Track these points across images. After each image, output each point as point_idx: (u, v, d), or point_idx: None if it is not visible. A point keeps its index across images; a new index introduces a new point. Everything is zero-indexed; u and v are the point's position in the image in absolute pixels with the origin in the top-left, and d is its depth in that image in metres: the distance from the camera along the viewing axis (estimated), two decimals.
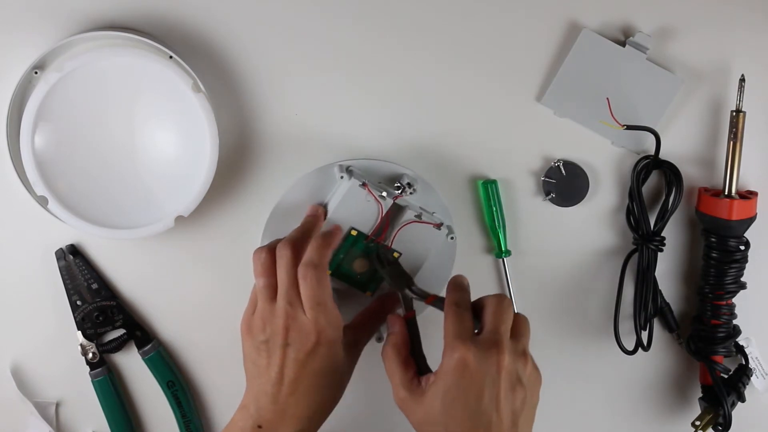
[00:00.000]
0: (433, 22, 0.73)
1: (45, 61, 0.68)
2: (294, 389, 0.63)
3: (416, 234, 0.71)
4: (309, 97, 0.73)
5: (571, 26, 0.73)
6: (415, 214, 0.70)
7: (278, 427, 0.63)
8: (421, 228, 0.71)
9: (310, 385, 0.63)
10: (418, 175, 0.72)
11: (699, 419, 0.76)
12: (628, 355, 0.76)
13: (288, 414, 0.63)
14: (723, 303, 0.76)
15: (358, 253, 0.71)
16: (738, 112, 0.73)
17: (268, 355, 0.63)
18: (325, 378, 0.64)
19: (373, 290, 0.73)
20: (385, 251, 0.68)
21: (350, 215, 0.70)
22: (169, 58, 0.68)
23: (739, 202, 0.73)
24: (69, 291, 0.74)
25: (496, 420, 0.59)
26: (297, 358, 0.63)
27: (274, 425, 0.63)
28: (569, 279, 0.78)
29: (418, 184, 0.71)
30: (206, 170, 0.69)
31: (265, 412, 0.64)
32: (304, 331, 0.62)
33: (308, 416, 0.64)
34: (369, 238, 0.70)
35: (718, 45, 0.74)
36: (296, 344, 0.62)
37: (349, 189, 0.70)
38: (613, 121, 0.73)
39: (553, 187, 0.75)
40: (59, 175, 0.68)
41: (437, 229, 0.71)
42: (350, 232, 0.70)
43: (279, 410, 0.63)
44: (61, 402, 0.76)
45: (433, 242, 0.71)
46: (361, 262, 0.72)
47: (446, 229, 0.71)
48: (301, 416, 0.64)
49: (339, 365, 0.65)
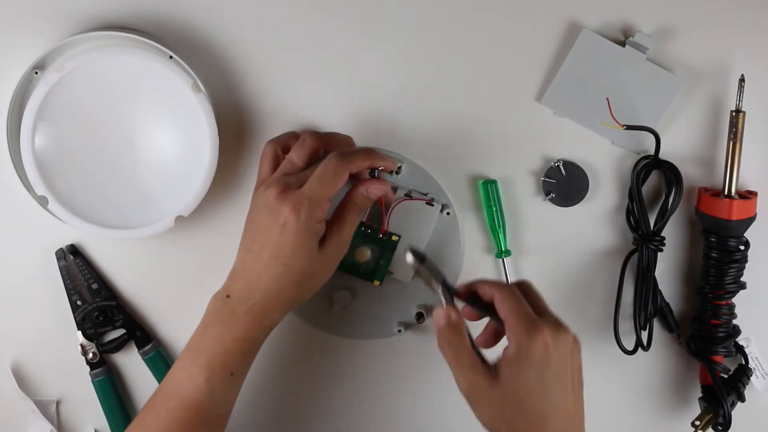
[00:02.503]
0: (433, 22, 0.73)
1: (45, 61, 0.68)
2: (259, 257, 0.64)
3: (410, 214, 0.72)
4: (309, 97, 0.73)
5: (571, 26, 0.73)
6: (405, 193, 0.71)
7: (242, 298, 0.64)
8: (414, 207, 0.72)
9: (273, 258, 0.63)
10: (404, 157, 0.72)
11: (699, 419, 0.76)
12: (628, 355, 0.76)
13: (252, 285, 0.64)
14: (723, 303, 0.76)
15: (358, 242, 0.72)
16: (738, 112, 0.73)
17: (256, 221, 0.65)
18: (289, 258, 0.63)
19: (381, 279, 0.73)
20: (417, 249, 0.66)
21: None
22: (169, 58, 0.68)
23: (739, 202, 0.73)
24: (69, 291, 0.74)
25: (574, 396, 0.61)
26: (268, 231, 0.63)
27: (240, 294, 0.64)
28: (569, 279, 0.78)
29: (404, 164, 0.72)
30: (206, 170, 0.69)
31: (235, 282, 0.65)
32: (285, 204, 0.63)
33: (269, 290, 0.64)
34: (366, 224, 0.71)
35: (718, 45, 0.74)
36: (274, 215, 0.63)
37: None
38: (613, 121, 0.73)
39: (553, 187, 0.75)
40: (59, 175, 0.68)
41: (430, 206, 0.71)
42: None
43: (246, 278, 0.64)
44: (61, 400, 0.76)
45: (429, 219, 0.72)
46: (362, 251, 0.72)
47: (439, 205, 0.72)
48: (263, 289, 0.64)
49: (308, 252, 0.64)
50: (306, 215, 0.63)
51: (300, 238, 0.63)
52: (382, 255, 0.73)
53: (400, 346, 0.77)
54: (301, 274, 0.64)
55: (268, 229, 0.64)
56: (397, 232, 0.72)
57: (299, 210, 0.62)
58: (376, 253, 0.73)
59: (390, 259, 0.73)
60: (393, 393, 0.79)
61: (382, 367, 0.78)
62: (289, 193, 0.63)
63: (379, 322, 0.76)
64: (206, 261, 0.75)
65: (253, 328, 0.65)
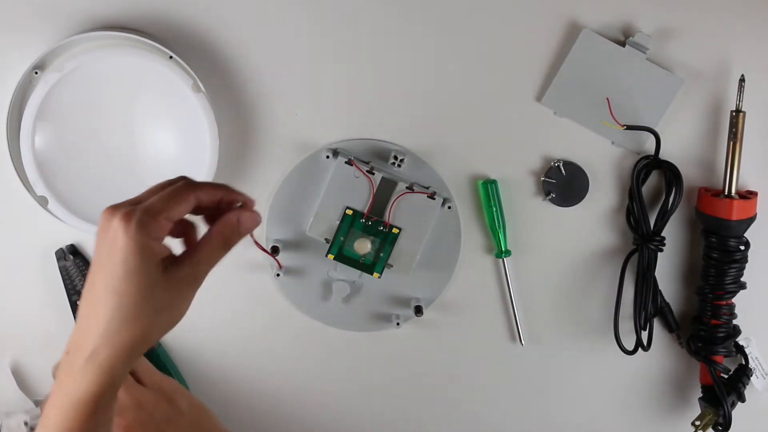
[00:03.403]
0: (434, 22, 0.73)
1: (45, 61, 0.68)
2: (92, 295, 0.54)
3: (412, 207, 0.72)
4: (309, 96, 0.73)
5: (571, 26, 0.73)
6: (406, 186, 0.72)
7: (79, 349, 0.54)
8: (416, 200, 0.72)
9: (106, 289, 0.53)
10: (407, 150, 0.73)
11: (699, 419, 0.76)
12: (628, 355, 0.76)
13: (87, 331, 0.54)
14: (723, 303, 0.76)
15: (358, 234, 0.72)
16: (738, 112, 0.73)
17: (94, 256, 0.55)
18: (120, 285, 0.53)
19: (380, 271, 0.73)
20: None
21: (343, 195, 0.72)
22: (169, 58, 0.68)
23: (739, 202, 0.73)
24: (69, 291, 0.74)
25: None
26: (98, 259, 0.54)
27: (77, 346, 0.54)
28: (569, 279, 0.78)
29: (407, 157, 0.72)
30: (206, 170, 0.69)
31: (73, 333, 0.55)
32: (114, 222, 0.53)
33: (105, 331, 0.53)
34: (366, 215, 0.71)
35: (718, 45, 0.74)
36: (104, 239, 0.54)
37: (336, 168, 0.71)
38: (613, 121, 0.73)
39: (553, 187, 0.75)
40: (59, 175, 0.68)
41: (431, 199, 0.72)
42: (345, 212, 0.71)
43: (81, 327, 0.54)
44: None
45: (430, 213, 0.72)
46: (362, 243, 0.72)
47: (441, 199, 0.72)
48: (98, 332, 0.53)
49: (146, 282, 0.53)
50: (137, 227, 0.53)
51: (132, 257, 0.53)
52: (382, 247, 0.73)
53: (398, 339, 0.78)
54: (139, 305, 0.53)
55: (98, 256, 0.54)
56: (397, 224, 0.72)
57: (129, 221, 0.53)
58: (377, 245, 0.73)
59: (390, 251, 0.73)
60: (391, 385, 0.79)
61: (380, 360, 0.78)
62: (120, 206, 0.54)
63: (377, 314, 0.76)
64: None
65: (94, 385, 0.53)
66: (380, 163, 0.73)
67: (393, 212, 0.72)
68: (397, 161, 0.72)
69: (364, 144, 0.73)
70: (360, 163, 0.72)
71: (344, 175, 0.72)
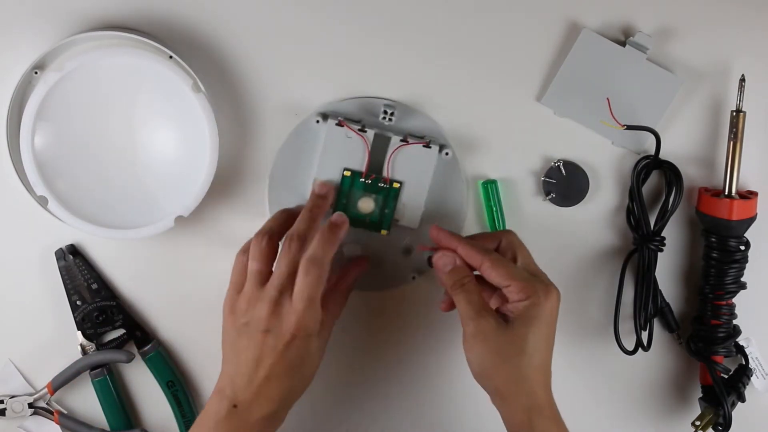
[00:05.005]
0: (433, 21, 0.73)
1: (45, 61, 0.68)
2: (269, 373, 0.64)
3: (410, 159, 0.72)
4: (309, 96, 0.73)
5: (571, 26, 0.73)
6: (400, 139, 0.71)
7: (252, 407, 0.65)
8: (413, 152, 0.71)
9: (285, 370, 0.65)
10: (397, 102, 0.72)
11: (699, 419, 0.76)
12: (628, 355, 0.76)
13: (262, 395, 0.65)
14: (723, 303, 0.76)
15: (360, 194, 0.72)
16: (738, 112, 0.73)
17: (248, 338, 0.65)
18: (300, 366, 0.65)
19: (388, 228, 0.73)
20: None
21: (339, 157, 0.71)
22: (169, 58, 0.68)
23: (739, 202, 0.73)
24: (69, 291, 0.74)
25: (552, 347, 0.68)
26: (275, 346, 0.64)
27: (248, 405, 0.65)
28: (569, 279, 0.78)
29: (397, 110, 0.71)
30: (206, 170, 0.69)
31: (240, 393, 0.65)
32: (287, 321, 0.64)
33: (281, 398, 0.65)
34: (365, 174, 0.71)
35: (718, 45, 0.74)
36: (276, 332, 0.64)
37: (327, 132, 0.71)
38: (613, 121, 0.73)
39: (553, 187, 0.75)
40: (59, 175, 0.68)
41: (427, 148, 0.71)
42: (344, 173, 0.71)
43: (254, 391, 0.65)
44: (61, 400, 0.76)
45: (428, 162, 0.72)
46: (365, 202, 0.72)
47: (437, 147, 0.72)
48: (274, 398, 0.65)
49: (313, 354, 0.66)
50: (306, 334, 0.65)
51: (306, 347, 0.65)
52: (386, 204, 0.72)
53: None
54: (311, 376, 0.67)
55: (270, 349, 0.64)
56: (398, 179, 0.72)
57: (301, 330, 0.64)
58: (380, 202, 0.72)
59: (394, 206, 0.72)
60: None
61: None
62: (282, 311, 0.64)
63: (392, 271, 0.75)
64: (206, 261, 0.75)
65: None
66: (371, 120, 0.72)
67: (391, 167, 0.72)
68: (388, 115, 0.71)
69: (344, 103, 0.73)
70: (351, 123, 0.71)
71: (337, 137, 0.71)
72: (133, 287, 0.75)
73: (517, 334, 0.65)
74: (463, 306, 0.66)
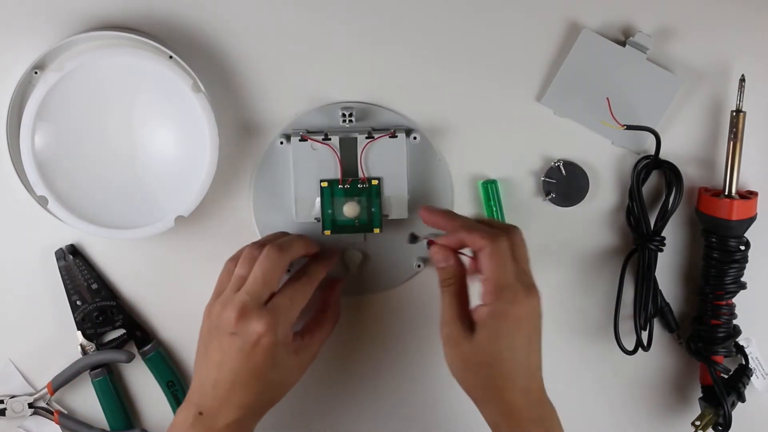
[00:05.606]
0: (434, 21, 0.73)
1: (45, 61, 0.68)
2: (235, 378, 0.64)
3: (380, 154, 0.72)
4: (309, 97, 0.73)
5: (571, 26, 0.73)
6: (365, 137, 0.71)
7: (218, 414, 0.65)
8: (381, 145, 0.72)
9: (251, 375, 0.65)
10: (355, 102, 0.73)
11: (699, 419, 0.76)
12: (628, 355, 0.76)
13: (228, 401, 0.65)
14: (723, 303, 0.76)
15: (342, 200, 0.72)
16: (738, 112, 0.73)
17: (217, 341, 0.65)
18: (266, 372, 0.65)
19: (379, 225, 0.73)
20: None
21: (312, 172, 0.72)
22: (169, 58, 0.68)
23: (739, 202, 0.73)
24: (69, 291, 0.74)
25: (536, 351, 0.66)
26: (241, 348, 0.64)
27: (214, 412, 0.65)
28: (569, 279, 0.78)
29: (354, 111, 0.72)
30: (206, 170, 0.69)
31: (206, 399, 0.65)
32: (254, 325, 0.64)
33: (246, 405, 0.65)
34: (341, 181, 0.71)
35: (718, 45, 0.74)
36: (243, 335, 0.64)
37: (294, 150, 0.71)
38: (613, 121, 0.73)
39: (553, 187, 0.75)
40: (59, 175, 0.68)
41: (394, 138, 0.71)
42: (321, 185, 0.71)
43: (219, 396, 0.65)
44: (61, 400, 0.76)
45: (399, 151, 0.72)
46: (350, 207, 0.72)
47: (403, 132, 0.72)
48: (240, 405, 0.65)
49: (284, 365, 0.66)
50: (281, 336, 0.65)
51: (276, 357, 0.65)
52: (370, 203, 0.72)
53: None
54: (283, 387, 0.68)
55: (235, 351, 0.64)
56: (375, 176, 0.72)
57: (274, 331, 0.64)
58: (364, 203, 0.72)
59: (379, 203, 0.72)
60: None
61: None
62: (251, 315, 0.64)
63: (397, 265, 0.76)
64: (206, 261, 0.74)
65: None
66: (333, 126, 0.72)
67: (365, 166, 0.72)
68: (347, 117, 0.71)
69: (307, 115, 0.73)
70: (313, 134, 0.71)
71: (304, 152, 0.71)
72: (133, 287, 0.75)
73: (480, 342, 0.64)
74: (443, 307, 0.67)
